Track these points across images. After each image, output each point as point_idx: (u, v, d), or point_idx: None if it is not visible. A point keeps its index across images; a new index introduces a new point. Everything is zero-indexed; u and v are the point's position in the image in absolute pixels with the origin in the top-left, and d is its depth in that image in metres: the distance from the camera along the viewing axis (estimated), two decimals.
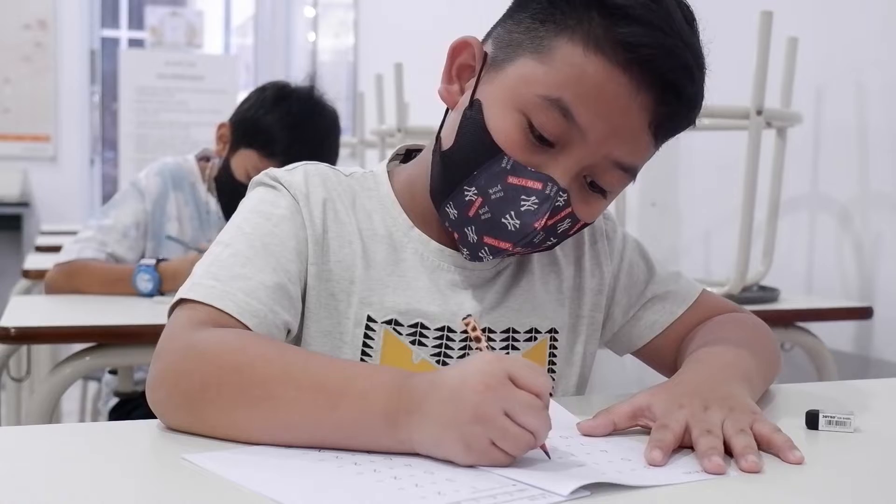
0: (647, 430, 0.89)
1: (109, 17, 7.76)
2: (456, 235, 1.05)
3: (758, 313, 1.23)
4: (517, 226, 0.99)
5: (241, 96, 2.37)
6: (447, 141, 1.03)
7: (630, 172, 1.01)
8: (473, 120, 1.00)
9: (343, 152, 2.93)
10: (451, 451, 0.78)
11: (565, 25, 0.96)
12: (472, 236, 1.02)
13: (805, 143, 2.49)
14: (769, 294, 2.26)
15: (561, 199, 0.98)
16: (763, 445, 0.85)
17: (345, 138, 3.52)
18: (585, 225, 1.04)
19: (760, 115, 2.10)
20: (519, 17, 1.00)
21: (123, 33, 8.06)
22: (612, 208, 2.33)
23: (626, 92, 0.94)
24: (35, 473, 0.76)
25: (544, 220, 0.98)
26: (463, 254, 1.06)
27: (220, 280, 0.97)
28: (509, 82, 0.99)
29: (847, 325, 2.37)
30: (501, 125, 0.98)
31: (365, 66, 5.92)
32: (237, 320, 0.95)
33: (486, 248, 1.02)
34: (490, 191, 0.99)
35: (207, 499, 0.71)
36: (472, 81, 1.03)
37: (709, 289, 1.25)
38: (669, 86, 0.95)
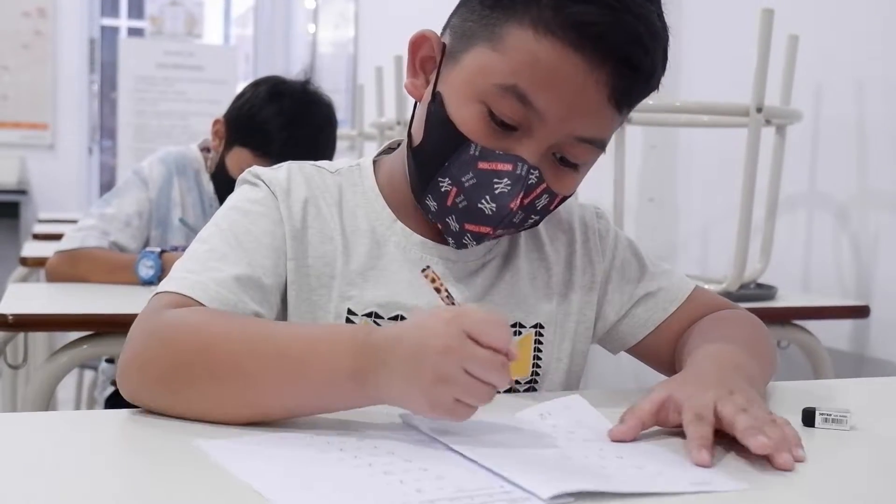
0: (670, 427, 0.88)
1: (109, 5, 7.76)
2: (440, 226, 1.06)
3: (755, 311, 1.23)
4: (494, 209, 1.00)
5: (241, 87, 2.36)
6: (417, 136, 1.05)
7: (598, 145, 1.02)
8: (437, 113, 1.02)
9: (342, 145, 2.92)
10: (416, 407, 0.80)
11: (514, 10, 0.97)
12: (453, 225, 1.04)
13: (804, 141, 2.49)
14: (766, 292, 2.26)
15: (533, 177, 1.00)
16: None
17: (344, 131, 3.51)
18: (565, 198, 1.05)
19: (760, 113, 2.10)
20: (471, 6, 1.02)
21: (123, 22, 8.05)
22: (609, 204, 2.33)
23: (580, 71, 0.95)
24: (30, 460, 0.76)
25: (519, 199, 0.99)
26: (449, 243, 1.07)
27: (193, 272, 0.99)
28: (466, 73, 1.00)
29: (844, 323, 2.37)
30: (463, 116, 1.00)
31: (365, 59, 5.91)
32: (206, 307, 0.96)
33: (468, 235, 1.04)
34: (463, 179, 1.01)
35: (202, 487, 0.71)
36: (435, 74, 1.04)
37: (706, 286, 1.26)
38: (623, 60, 0.95)
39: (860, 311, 2.22)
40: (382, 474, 0.73)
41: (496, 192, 1.00)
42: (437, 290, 0.91)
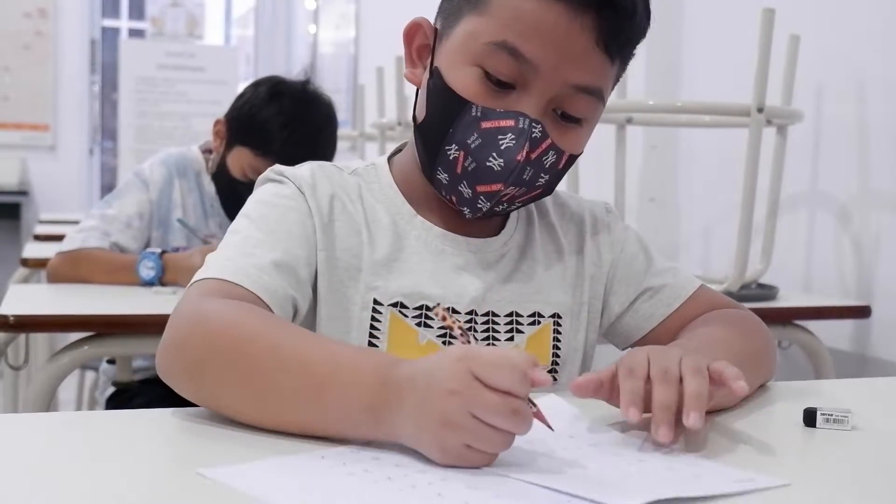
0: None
1: (110, 6, 7.76)
2: (453, 198, 1.08)
3: (756, 311, 1.23)
4: (502, 164, 1.02)
5: (242, 88, 2.36)
6: (420, 115, 1.08)
7: (596, 95, 1.05)
8: (437, 85, 1.05)
9: (343, 145, 2.93)
10: (428, 452, 0.77)
11: None
12: (466, 191, 1.06)
13: (805, 141, 2.49)
14: (768, 292, 2.26)
15: (536, 130, 1.02)
16: (714, 378, 0.86)
17: (345, 131, 3.51)
18: (573, 157, 1.07)
19: (761, 113, 2.10)
20: None
21: (124, 23, 8.06)
22: (611, 202, 2.33)
23: (564, 18, 0.99)
24: (31, 461, 0.76)
25: (525, 152, 1.02)
26: (465, 214, 1.08)
27: (232, 259, 1.01)
28: (458, 42, 1.04)
29: (845, 323, 2.37)
30: (461, 80, 1.03)
31: (366, 59, 5.91)
32: (251, 293, 0.97)
33: (481, 197, 1.05)
34: (468, 141, 1.03)
35: (204, 488, 0.71)
36: (431, 58, 1.08)
37: (707, 286, 1.25)
38: (605, 2, 0.99)
39: (861, 312, 2.22)
40: (437, 496, 0.69)
41: (502, 147, 1.02)
42: (450, 328, 0.89)
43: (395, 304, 1.08)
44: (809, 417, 0.95)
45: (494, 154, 1.02)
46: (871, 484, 0.81)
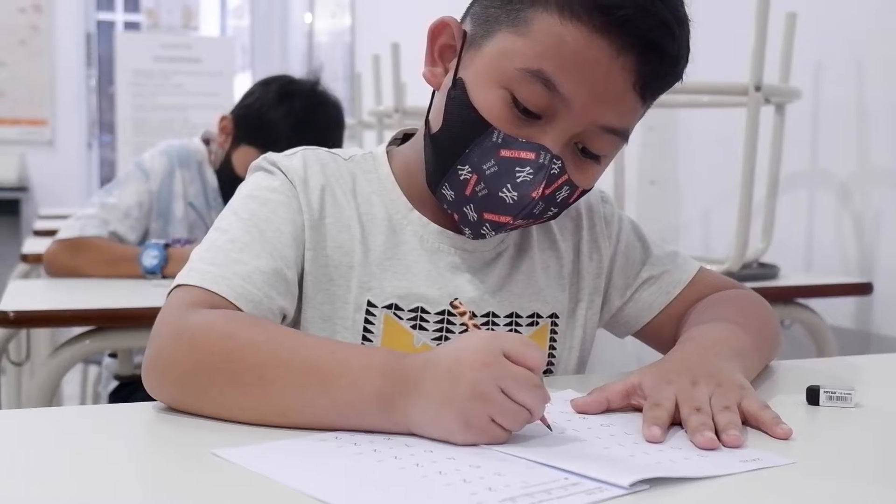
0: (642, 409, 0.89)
1: (105, 0, 7.73)
2: (456, 216, 1.04)
3: (757, 290, 1.23)
4: (515, 198, 0.98)
5: (239, 78, 2.36)
6: (435, 124, 1.03)
7: (621, 135, 1.00)
8: (458, 99, 1.00)
9: None
10: (449, 428, 0.77)
11: None
12: (471, 214, 1.02)
13: (804, 119, 2.48)
14: (769, 271, 2.25)
15: (556, 167, 0.97)
16: (751, 422, 0.86)
17: None
18: (585, 192, 1.03)
19: (759, 91, 2.10)
20: None
21: (119, 16, 8.03)
22: (610, 187, 2.32)
23: (606, 56, 0.93)
24: (35, 457, 0.76)
25: (541, 189, 0.97)
26: (465, 233, 1.05)
27: (216, 265, 0.97)
28: (489, 58, 0.98)
29: (847, 301, 2.37)
30: (486, 101, 0.98)
31: (362, 47, 5.90)
32: (232, 304, 0.95)
33: (487, 225, 1.02)
34: (484, 166, 0.99)
35: (204, 479, 0.71)
36: (455, 62, 1.02)
37: (708, 266, 1.25)
38: (650, 45, 0.94)
39: (863, 289, 2.22)
40: (438, 474, 0.71)
41: (518, 180, 0.97)
42: (466, 325, 0.89)
43: (389, 307, 1.06)
44: (813, 395, 0.95)
45: (509, 186, 0.98)
46: (875, 461, 0.80)
